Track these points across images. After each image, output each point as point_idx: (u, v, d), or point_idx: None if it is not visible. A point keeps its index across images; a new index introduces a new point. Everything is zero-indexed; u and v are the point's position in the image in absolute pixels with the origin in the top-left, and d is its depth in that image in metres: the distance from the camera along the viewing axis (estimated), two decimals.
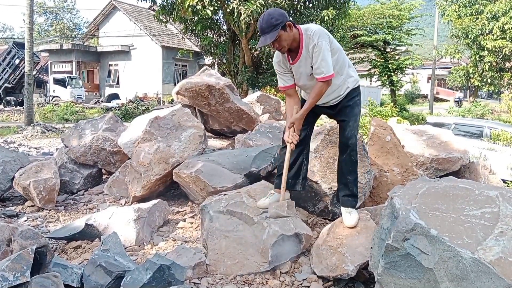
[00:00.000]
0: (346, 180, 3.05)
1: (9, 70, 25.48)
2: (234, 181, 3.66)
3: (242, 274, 2.80)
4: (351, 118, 2.97)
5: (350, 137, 2.95)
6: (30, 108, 14.67)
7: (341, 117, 3.02)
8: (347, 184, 3.05)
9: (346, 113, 2.99)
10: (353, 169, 3.04)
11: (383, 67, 21.78)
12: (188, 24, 13.25)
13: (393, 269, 2.14)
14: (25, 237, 2.70)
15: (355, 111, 3.00)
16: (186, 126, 4.37)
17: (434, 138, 4.85)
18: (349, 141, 2.96)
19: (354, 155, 3.00)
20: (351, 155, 2.99)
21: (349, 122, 2.96)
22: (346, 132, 2.96)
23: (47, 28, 49.19)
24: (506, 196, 2.19)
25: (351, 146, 2.97)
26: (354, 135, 2.97)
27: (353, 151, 2.99)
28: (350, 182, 3.04)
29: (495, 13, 16.45)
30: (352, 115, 2.98)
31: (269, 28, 2.67)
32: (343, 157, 3.03)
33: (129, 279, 2.39)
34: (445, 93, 39.74)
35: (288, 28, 2.72)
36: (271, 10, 2.77)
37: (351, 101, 3.01)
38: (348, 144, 2.96)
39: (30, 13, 14.51)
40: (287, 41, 2.75)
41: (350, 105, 2.99)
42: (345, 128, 2.98)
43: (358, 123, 3.04)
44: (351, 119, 2.97)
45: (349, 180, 3.04)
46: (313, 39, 2.72)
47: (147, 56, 27.65)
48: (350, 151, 2.98)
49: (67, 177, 4.89)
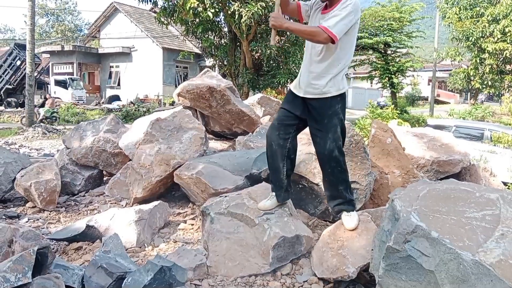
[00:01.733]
0: (337, 190, 2.93)
1: (10, 72, 25.50)
2: (235, 183, 3.66)
3: (243, 276, 2.80)
4: (330, 130, 2.80)
5: (332, 149, 2.79)
6: (31, 109, 14.69)
7: (318, 126, 2.85)
8: (340, 193, 2.94)
9: (323, 124, 2.82)
10: (343, 178, 2.91)
11: (384, 69, 21.77)
12: (189, 26, 13.28)
13: (394, 271, 2.14)
14: (27, 238, 2.71)
15: (334, 122, 2.81)
16: (187, 128, 4.38)
17: (435, 141, 4.85)
18: (332, 154, 2.80)
19: (341, 166, 2.85)
20: (338, 166, 2.84)
21: (328, 134, 2.80)
22: (328, 145, 2.79)
23: (49, 30, 49.30)
24: (507, 199, 2.19)
25: (336, 159, 2.81)
26: (337, 146, 2.80)
27: (339, 162, 2.83)
28: (342, 190, 2.93)
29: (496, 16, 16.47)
30: (330, 127, 2.80)
31: None
32: (329, 170, 2.87)
33: (130, 280, 2.39)
34: (446, 95, 39.77)
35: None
36: None
37: (331, 109, 2.82)
38: (332, 156, 2.80)
39: (31, 15, 14.55)
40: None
41: (329, 114, 2.82)
42: (325, 141, 2.81)
43: (338, 133, 2.83)
44: (330, 131, 2.80)
45: (341, 189, 2.93)
46: (347, 3, 2.68)
47: (148, 57, 27.70)
48: (336, 163, 2.82)
49: (68, 178, 4.90)
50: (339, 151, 2.84)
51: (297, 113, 2.93)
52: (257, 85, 13.72)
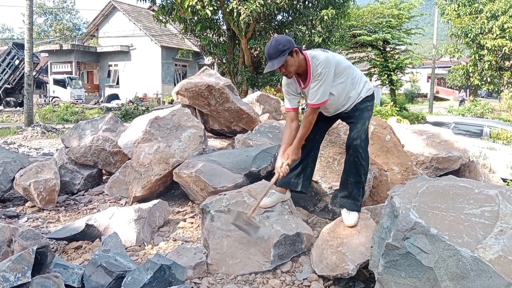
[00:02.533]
0: (347, 181, 3.04)
1: (9, 71, 25.50)
2: (234, 181, 3.66)
3: (244, 273, 2.81)
4: (359, 121, 3.00)
5: (355, 138, 2.95)
6: (30, 108, 14.68)
7: (350, 119, 3.07)
8: (347, 185, 3.04)
9: (355, 116, 3.03)
10: (357, 171, 3.00)
11: (383, 66, 21.78)
12: (187, 24, 13.24)
13: (393, 268, 2.15)
14: (26, 238, 2.71)
15: (365, 115, 3.03)
16: (186, 126, 4.37)
17: (434, 137, 4.85)
18: (353, 142, 2.94)
19: (358, 158, 2.97)
20: (355, 157, 2.96)
21: (357, 124, 2.99)
22: (353, 133, 2.98)
23: (47, 29, 49.19)
24: (506, 195, 2.20)
25: (355, 147, 2.94)
26: (360, 137, 2.94)
27: (357, 152, 2.95)
28: (351, 183, 3.01)
29: (495, 12, 16.46)
30: (360, 118, 3.01)
31: (276, 54, 2.72)
32: (347, 157, 3.05)
33: (129, 279, 2.39)
34: (445, 92, 39.78)
35: (295, 54, 2.78)
36: (278, 37, 2.83)
37: (363, 104, 3.05)
38: (352, 144, 2.95)
39: (29, 14, 14.51)
40: (293, 67, 2.82)
41: (361, 108, 3.04)
42: (352, 130, 3.01)
43: (366, 127, 3.02)
44: (359, 122, 2.99)
45: (350, 182, 3.02)
46: (317, 68, 2.79)
47: (146, 56, 27.66)
48: (353, 151, 2.95)
49: (68, 177, 4.89)
50: (362, 142, 2.96)
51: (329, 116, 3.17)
52: (256, 83, 13.70)
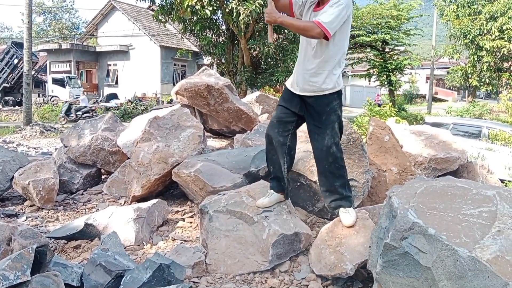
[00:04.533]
0: (334, 187, 2.93)
1: (8, 70, 25.44)
2: (233, 181, 3.67)
3: (243, 273, 2.81)
4: (328, 127, 2.83)
5: (330, 146, 2.81)
6: (28, 108, 14.67)
7: (316, 123, 2.88)
8: (335, 190, 2.94)
9: (321, 121, 2.85)
10: (340, 175, 2.91)
11: (382, 67, 21.79)
12: (187, 24, 13.25)
13: (391, 267, 2.16)
14: (25, 237, 2.71)
15: (332, 118, 2.85)
16: (185, 126, 4.38)
17: (433, 138, 4.87)
18: (330, 150, 2.82)
19: (338, 162, 2.87)
20: (335, 163, 2.86)
21: (326, 130, 2.83)
22: (326, 141, 2.82)
23: (46, 28, 49.12)
24: (504, 196, 2.21)
25: (333, 155, 2.83)
26: (334, 142, 2.83)
27: (336, 158, 2.84)
28: (339, 186, 2.92)
29: (494, 14, 16.49)
30: (328, 123, 2.84)
31: None
32: (326, 166, 2.88)
33: (128, 278, 2.40)
34: (444, 93, 39.83)
35: None
36: None
37: (328, 106, 2.85)
38: (329, 152, 2.83)
39: (28, 13, 14.50)
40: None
41: (327, 111, 2.85)
42: (323, 137, 2.83)
43: (336, 129, 2.86)
44: (328, 127, 2.83)
45: (337, 186, 2.92)
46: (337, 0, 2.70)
47: (146, 56, 27.63)
48: (333, 159, 2.83)
49: (66, 177, 4.90)
50: (337, 147, 2.86)
51: (295, 110, 2.97)
52: (255, 83, 13.72)
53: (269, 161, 3.10)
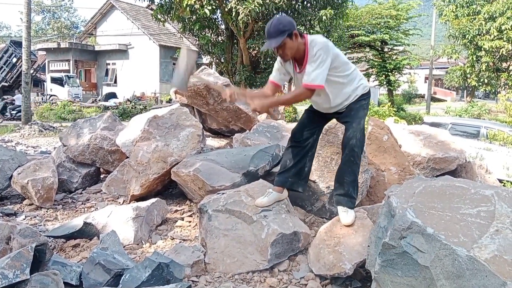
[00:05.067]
0: (343, 179, 3.03)
1: (6, 69, 25.35)
2: (232, 180, 3.68)
3: (241, 272, 2.82)
4: (355, 120, 2.97)
5: (351, 138, 2.93)
6: (27, 107, 14.65)
7: (345, 118, 3.04)
8: (343, 183, 3.03)
9: (350, 115, 3.01)
10: (352, 170, 3.01)
11: (381, 67, 21.83)
12: (186, 23, 13.23)
13: (389, 267, 2.16)
14: (24, 235, 2.71)
15: (360, 114, 3.01)
16: (185, 125, 4.38)
17: (431, 138, 4.87)
18: (349, 141, 2.94)
19: (354, 157, 2.97)
20: (351, 156, 2.96)
21: (352, 123, 2.96)
22: (349, 133, 2.96)
23: (45, 27, 49.01)
24: (502, 195, 2.21)
25: (351, 147, 2.93)
26: (356, 136, 2.93)
27: (353, 151, 2.95)
28: (347, 182, 3.01)
29: (492, 14, 16.50)
30: (356, 117, 2.98)
31: (275, 33, 2.70)
32: (343, 156, 3.04)
33: (128, 277, 2.40)
34: (442, 93, 39.89)
35: (294, 37, 2.75)
36: (281, 17, 2.81)
37: (357, 103, 3.03)
38: (348, 144, 2.95)
39: (27, 12, 14.47)
40: (291, 50, 2.79)
41: (356, 107, 3.02)
42: (347, 129, 2.98)
43: (362, 125, 2.99)
44: (355, 121, 2.97)
45: (346, 180, 3.01)
46: (314, 49, 2.75)
47: (144, 55, 27.61)
48: (350, 151, 2.95)
49: (65, 176, 4.90)
50: (358, 142, 2.95)
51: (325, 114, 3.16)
52: (254, 82, 13.71)
53: (287, 155, 3.19)
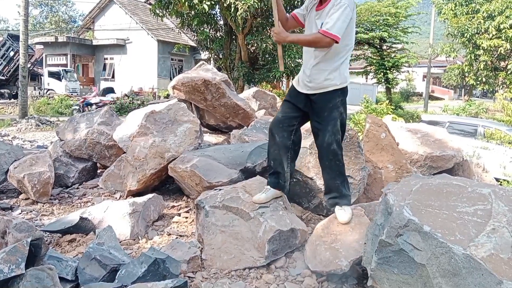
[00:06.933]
0: (334, 183, 2.97)
1: (3, 63, 25.28)
2: (230, 176, 3.67)
3: (238, 268, 2.82)
4: (329, 123, 2.84)
5: (331, 143, 2.83)
6: (24, 101, 14.60)
7: (318, 119, 2.91)
8: (336, 187, 2.98)
9: (323, 117, 2.87)
10: (340, 172, 2.95)
11: (379, 64, 21.84)
12: (184, 18, 13.19)
13: (386, 264, 2.17)
14: (20, 230, 2.70)
15: (334, 115, 2.86)
16: (182, 121, 4.37)
17: (429, 136, 4.88)
18: (330, 147, 2.84)
19: (339, 159, 2.90)
20: (336, 160, 2.89)
21: (327, 126, 2.84)
22: (326, 138, 2.84)
23: (42, 21, 48.76)
24: (499, 194, 2.22)
25: (334, 152, 2.85)
26: (335, 140, 2.85)
27: (337, 156, 2.87)
28: (339, 184, 2.97)
29: (491, 12, 16.52)
30: (330, 120, 2.85)
31: None
32: (326, 163, 2.92)
33: (124, 272, 2.39)
34: (440, 91, 39.96)
35: None
36: None
37: (331, 103, 2.87)
38: (329, 149, 2.85)
39: (25, 5, 14.40)
40: None
41: (329, 107, 2.86)
42: (324, 134, 2.85)
43: (338, 127, 2.87)
44: (329, 124, 2.84)
45: (337, 184, 2.97)
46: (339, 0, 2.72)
47: (143, 50, 27.49)
48: (334, 156, 2.86)
49: (62, 170, 4.87)
50: (338, 145, 2.88)
51: (300, 105, 3.01)
52: (252, 79, 13.70)
53: (270, 155, 3.11)
